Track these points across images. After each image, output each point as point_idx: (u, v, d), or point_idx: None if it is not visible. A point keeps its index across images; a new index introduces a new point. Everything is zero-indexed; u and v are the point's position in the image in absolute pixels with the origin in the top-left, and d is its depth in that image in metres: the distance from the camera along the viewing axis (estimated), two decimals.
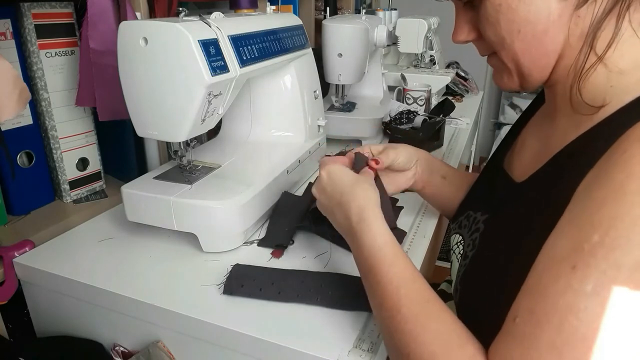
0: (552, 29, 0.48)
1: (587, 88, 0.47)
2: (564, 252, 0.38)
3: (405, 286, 0.48)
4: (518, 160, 0.60)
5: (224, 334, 0.55)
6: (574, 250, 0.37)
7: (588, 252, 0.36)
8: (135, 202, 0.71)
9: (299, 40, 0.90)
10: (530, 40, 0.49)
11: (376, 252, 0.51)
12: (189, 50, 0.60)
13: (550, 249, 0.40)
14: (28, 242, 0.70)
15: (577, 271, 0.36)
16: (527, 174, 0.54)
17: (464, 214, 0.63)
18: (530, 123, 0.64)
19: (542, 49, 0.49)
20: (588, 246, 0.36)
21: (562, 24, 0.47)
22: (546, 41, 0.48)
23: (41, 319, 0.73)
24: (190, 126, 0.64)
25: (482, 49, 0.56)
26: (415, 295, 0.47)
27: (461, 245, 0.60)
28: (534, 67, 0.51)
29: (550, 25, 0.47)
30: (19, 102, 0.60)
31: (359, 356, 0.50)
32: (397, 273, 0.49)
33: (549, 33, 0.48)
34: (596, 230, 0.36)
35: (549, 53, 0.49)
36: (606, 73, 0.47)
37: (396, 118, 1.23)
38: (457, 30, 0.56)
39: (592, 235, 0.36)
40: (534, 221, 0.46)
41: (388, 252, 0.51)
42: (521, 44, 0.49)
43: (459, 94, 1.72)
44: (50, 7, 0.76)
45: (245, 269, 0.63)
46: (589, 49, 0.47)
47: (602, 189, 0.38)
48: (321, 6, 1.60)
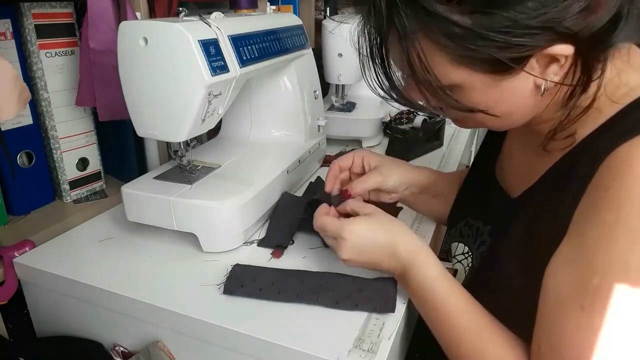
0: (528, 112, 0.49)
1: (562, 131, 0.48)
2: (570, 292, 0.42)
3: (462, 319, 0.50)
4: (509, 173, 0.60)
5: (224, 334, 0.55)
6: (579, 290, 0.41)
7: (592, 293, 0.40)
8: (135, 202, 0.71)
9: (299, 40, 0.90)
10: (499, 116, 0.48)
11: (433, 286, 0.53)
12: (189, 50, 0.60)
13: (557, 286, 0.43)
14: (28, 242, 0.70)
15: (584, 311, 0.40)
16: (520, 189, 0.54)
17: (462, 221, 0.63)
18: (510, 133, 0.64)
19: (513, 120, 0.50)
20: (591, 287, 0.40)
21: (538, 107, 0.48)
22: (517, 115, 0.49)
23: (41, 319, 0.73)
24: (190, 126, 0.64)
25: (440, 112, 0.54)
26: (472, 326, 0.50)
27: (470, 257, 0.60)
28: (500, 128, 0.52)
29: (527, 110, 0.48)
30: (19, 102, 0.60)
31: (359, 356, 0.50)
32: (452, 306, 0.51)
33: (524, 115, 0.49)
34: (595, 274, 0.40)
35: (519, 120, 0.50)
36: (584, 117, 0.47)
37: (396, 118, 1.23)
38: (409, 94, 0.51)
39: (593, 279, 0.40)
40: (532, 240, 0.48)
41: (445, 285, 0.53)
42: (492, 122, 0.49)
43: None
44: (50, 7, 0.76)
45: (245, 269, 0.63)
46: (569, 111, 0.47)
47: (593, 230, 0.41)
48: (321, 6, 1.60)
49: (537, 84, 0.45)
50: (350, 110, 1.18)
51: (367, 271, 0.64)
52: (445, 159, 1.11)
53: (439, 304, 0.52)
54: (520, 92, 0.46)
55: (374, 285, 0.60)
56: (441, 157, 1.11)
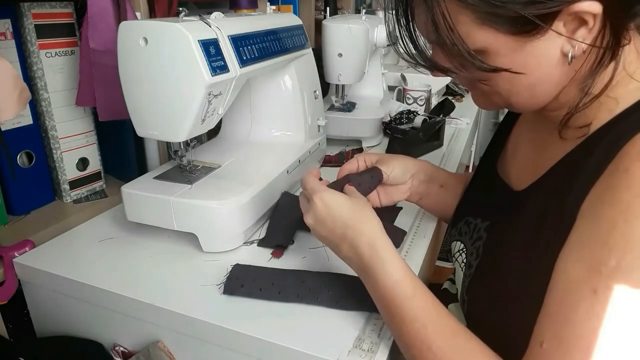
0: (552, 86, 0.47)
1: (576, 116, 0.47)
2: (581, 276, 0.39)
3: (431, 322, 0.47)
4: (513, 167, 0.60)
5: (224, 334, 0.55)
6: (592, 273, 0.38)
7: (607, 276, 0.37)
8: (135, 202, 0.71)
9: (299, 40, 0.90)
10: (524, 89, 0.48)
11: (394, 288, 0.49)
12: (189, 50, 0.60)
13: (566, 272, 0.41)
14: (28, 242, 0.70)
15: (598, 295, 0.37)
16: (526, 182, 0.53)
17: (462, 220, 0.63)
18: (519, 125, 0.63)
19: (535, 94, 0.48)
20: (606, 270, 0.37)
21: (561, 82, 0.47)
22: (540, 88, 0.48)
23: (41, 319, 0.73)
24: (190, 126, 0.64)
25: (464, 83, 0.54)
26: (442, 329, 0.46)
27: (464, 253, 0.59)
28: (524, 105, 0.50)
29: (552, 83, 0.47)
30: (19, 102, 0.60)
31: (359, 356, 0.50)
32: (420, 308, 0.48)
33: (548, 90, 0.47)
34: (612, 253, 0.37)
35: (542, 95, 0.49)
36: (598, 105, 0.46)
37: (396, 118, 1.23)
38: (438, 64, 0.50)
39: (609, 259, 0.37)
40: (539, 232, 0.46)
41: (408, 286, 0.49)
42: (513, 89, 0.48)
43: (459, 94, 1.72)
44: (50, 7, 0.76)
45: (245, 269, 0.63)
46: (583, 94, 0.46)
47: (610, 208, 0.39)
48: (321, 6, 1.60)
49: (564, 51, 0.44)
50: (350, 110, 1.18)
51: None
52: (445, 159, 1.11)
53: (402, 306, 0.48)
54: (546, 59, 0.44)
55: None
56: (441, 157, 1.11)
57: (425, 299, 0.48)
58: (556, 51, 0.44)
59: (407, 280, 0.49)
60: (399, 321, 0.49)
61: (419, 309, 0.48)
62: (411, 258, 0.69)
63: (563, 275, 0.41)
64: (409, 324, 0.47)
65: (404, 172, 0.71)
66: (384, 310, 0.51)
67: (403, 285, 0.49)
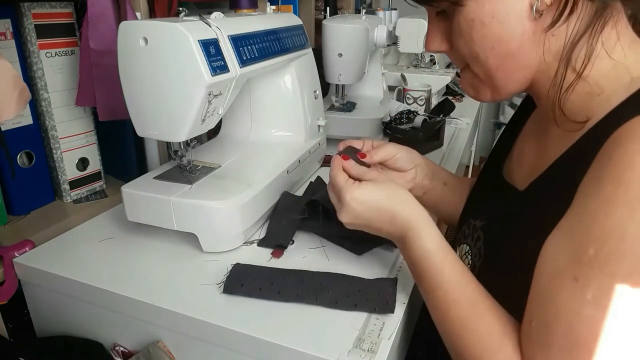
0: (525, 47, 0.48)
1: (570, 105, 0.48)
2: (565, 263, 0.41)
3: (452, 291, 0.51)
4: (519, 169, 0.60)
5: (224, 334, 0.55)
6: (574, 262, 0.41)
7: (587, 265, 0.40)
8: (135, 202, 0.71)
9: (299, 40, 0.90)
10: (504, 56, 0.49)
11: (426, 258, 0.54)
12: (189, 50, 0.60)
13: (552, 258, 0.43)
14: (28, 242, 0.70)
15: (578, 282, 0.40)
16: (528, 181, 0.54)
17: (465, 224, 0.63)
18: (526, 128, 0.64)
19: (517, 64, 0.50)
20: (586, 259, 0.40)
21: (536, 42, 0.48)
22: (520, 58, 0.49)
23: (41, 319, 0.73)
24: (190, 126, 0.64)
25: (455, 60, 0.56)
26: (461, 298, 0.50)
27: (469, 255, 0.60)
28: (508, 81, 0.52)
29: (524, 42, 0.48)
30: (19, 102, 0.60)
31: (359, 356, 0.50)
32: (446, 277, 0.52)
33: (523, 50, 0.49)
34: (591, 244, 0.40)
35: (524, 68, 0.50)
36: (587, 90, 0.47)
37: (396, 118, 1.23)
38: (429, 40, 0.56)
39: (588, 249, 0.40)
40: (536, 229, 0.47)
41: (438, 257, 0.53)
42: (495, 60, 0.50)
43: (459, 94, 1.72)
44: (50, 7, 0.76)
45: (245, 268, 0.63)
46: (564, 68, 0.48)
47: (593, 199, 0.41)
48: (321, 6, 1.60)
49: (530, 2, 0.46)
50: (350, 110, 1.18)
51: (367, 271, 0.64)
52: (445, 159, 1.11)
53: (432, 275, 0.52)
54: (514, 11, 0.46)
55: (373, 286, 0.60)
56: (441, 157, 1.11)
57: (452, 270, 0.52)
58: (523, 4, 0.46)
59: (439, 252, 0.53)
60: (427, 286, 0.54)
61: (444, 278, 0.52)
62: None
63: (549, 260, 0.44)
64: (433, 291, 0.53)
65: (408, 159, 0.71)
66: (416, 276, 0.56)
67: (434, 256, 0.53)
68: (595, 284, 0.39)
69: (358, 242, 0.70)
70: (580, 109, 0.48)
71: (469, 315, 0.49)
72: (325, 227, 0.73)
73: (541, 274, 0.44)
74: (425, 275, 0.54)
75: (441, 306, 0.52)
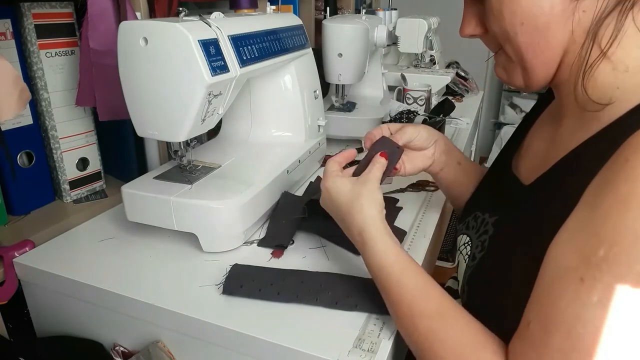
0: (554, 23, 0.48)
1: (593, 84, 0.47)
2: (572, 263, 0.40)
3: (416, 304, 0.50)
4: (525, 163, 0.60)
5: (224, 334, 0.55)
6: (581, 262, 0.39)
7: (595, 266, 0.38)
8: (136, 202, 0.71)
9: (299, 40, 0.90)
10: (533, 33, 0.49)
11: (383, 272, 0.53)
12: (189, 50, 0.60)
13: (559, 258, 0.42)
14: (28, 242, 0.70)
15: (584, 283, 0.39)
16: (535, 176, 0.54)
17: (471, 215, 0.63)
18: (536, 124, 0.64)
19: (546, 42, 0.49)
20: (595, 259, 0.38)
21: (565, 18, 0.47)
22: (549, 35, 0.48)
23: (41, 319, 0.73)
24: (190, 126, 0.64)
25: (489, 44, 0.56)
26: (427, 311, 0.49)
27: (468, 246, 0.60)
28: (537, 61, 0.51)
29: (553, 18, 0.47)
30: (19, 102, 0.60)
31: (359, 356, 0.50)
32: (407, 291, 0.51)
33: (551, 26, 0.48)
34: (602, 244, 0.38)
35: (553, 47, 0.49)
36: (611, 70, 0.47)
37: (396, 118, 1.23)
38: (464, 24, 0.56)
39: (598, 250, 0.38)
40: (542, 224, 0.47)
41: (395, 271, 0.52)
42: (525, 37, 0.49)
43: (459, 94, 1.72)
44: (50, 7, 0.76)
45: (244, 268, 0.63)
46: (591, 43, 0.47)
47: (606, 200, 0.39)
48: (321, 6, 1.60)
49: None
50: (350, 110, 1.18)
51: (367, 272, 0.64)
52: None
53: (392, 288, 0.52)
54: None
55: (373, 286, 0.60)
56: None
57: (413, 283, 0.51)
58: None
59: (394, 265, 0.52)
60: (390, 302, 0.53)
61: (406, 291, 0.51)
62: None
63: (554, 261, 0.42)
64: (397, 305, 0.51)
65: (428, 136, 0.71)
66: (380, 289, 0.55)
67: (391, 270, 0.52)
68: (601, 286, 0.38)
69: None
70: (604, 90, 0.47)
71: (439, 327, 0.48)
72: (325, 227, 0.73)
73: (545, 274, 0.43)
74: (386, 288, 0.53)
75: (407, 321, 0.50)
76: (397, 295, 0.51)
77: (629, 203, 0.37)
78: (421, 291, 0.50)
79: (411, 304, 0.50)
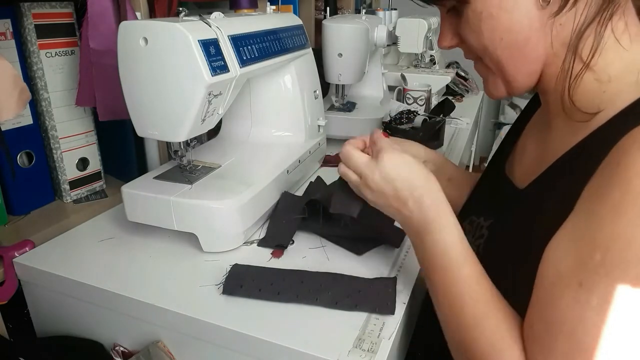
0: (534, 37, 0.48)
1: (579, 95, 0.48)
2: (570, 268, 0.41)
3: (470, 288, 0.50)
4: (519, 166, 0.60)
5: (224, 334, 0.55)
6: (579, 266, 0.40)
7: (592, 270, 0.39)
8: (136, 202, 0.71)
9: (299, 40, 0.90)
10: (512, 48, 0.49)
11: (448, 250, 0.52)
12: (189, 50, 0.60)
13: (557, 262, 0.43)
14: (28, 242, 0.70)
15: (583, 287, 0.40)
16: (528, 180, 0.54)
17: (466, 220, 0.63)
18: (529, 126, 0.64)
19: (525, 56, 0.50)
20: (592, 264, 0.39)
21: (544, 32, 0.48)
22: (529, 49, 0.49)
23: (41, 319, 0.73)
24: (190, 126, 0.64)
25: (468, 54, 0.56)
26: (479, 296, 0.49)
27: None
28: (518, 73, 0.52)
29: (533, 33, 0.48)
30: (19, 102, 0.60)
31: (359, 356, 0.50)
32: (464, 274, 0.50)
33: (531, 40, 0.49)
34: (597, 249, 0.39)
35: (533, 60, 0.50)
36: (596, 80, 0.47)
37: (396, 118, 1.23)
38: (442, 37, 0.56)
39: (595, 255, 0.39)
40: (536, 228, 0.47)
41: (460, 252, 0.51)
42: (504, 52, 0.50)
43: (459, 94, 1.72)
44: (50, 7, 0.76)
45: (244, 268, 0.63)
46: (573, 56, 0.48)
47: (600, 205, 0.40)
48: (321, 6, 1.60)
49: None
50: (350, 110, 1.18)
51: (367, 271, 0.64)
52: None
53: (450, 270, 0.51)
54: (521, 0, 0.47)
55: (373, 286, 0.60)
56: None
57: (472, 266, 0.51)
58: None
59: (460, 246, 0.52)
60: (441, 281, 0.52)
61: (463, 274, 0.50)
62: (411, 258, 0.69)
63: (553, 265, 0.43)
64: (449, 286, 0.51)
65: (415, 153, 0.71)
66: (430, 269, 0.53)
67: (454, 251, 0.51)
68: (600, 290, 0.38)
69: (358, 242, 0.70)
70: (590, 99, 0.47)
71: (484, 313, 0.48)
72: (325, 227, 0.73)
73: (544, 278, 0.44)
74: (442, 269, 0.52)
75: (455, 303, 0.50)
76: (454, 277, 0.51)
77: (622, 207, 0.38)
78: (478, 276, 0.50)
79: (464, 287, 0.50)
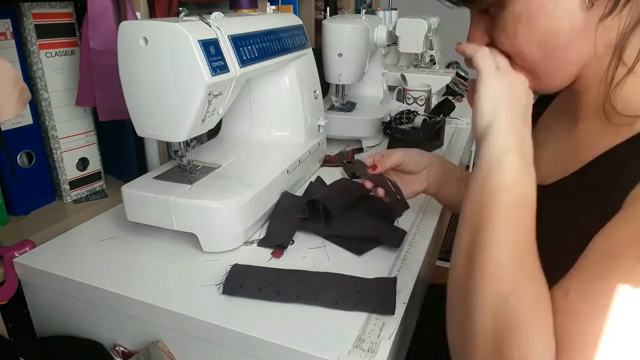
0: (576, 40, 0.46)
1: (620, 99, 0.47)
2: (626, 242, 0.38)
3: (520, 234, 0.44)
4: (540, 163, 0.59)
5: (224, 334, 0.55)
6: (637, 242, 0.38)
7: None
8: (136, 202, 0.71)
9: (299, 40, 0.90)
10: (552, 50, 0.47)
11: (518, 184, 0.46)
12: (189, 50, 0.60)
13: (610, 237, 0.40)
14: (28, 242, 0.70)
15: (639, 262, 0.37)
16: (555, 175, 0.53)
17: None
18: (542, 123, 0.63)
19: (564, 59, 0.48)
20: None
21: (587, 35, 0.46)
22: (569, 52, 0.47)
23: (41, 319, 0.73)
24: (190, 126, 0.64)
25: None
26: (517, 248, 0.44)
27: None
28: (554, 73, 0.50)
29: (575, 35, 0.46)
30: (19, 102, 0.60)
31: (359, 356, 0.50)
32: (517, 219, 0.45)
33: (572, 44, 0.46)
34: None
35: (574, 62, 0.48)
36: (638, 82, 0.46)
37: (396, 118, 1.23)
38: (470, 37, 0.54)
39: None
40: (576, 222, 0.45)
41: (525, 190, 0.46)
42: (540, 55, 0.48)
43: (459, 94, 1.72)
44: (50, 7, 0.76)
45: (244, 268, 0.63)
46: (617, 60, 0.46)
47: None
48: (321, 6, 1.60)
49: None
50: (350, 110, 1.18)
51: (367, 271, 0.64)
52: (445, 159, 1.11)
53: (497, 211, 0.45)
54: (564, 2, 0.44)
55: (373, 286, 0.60)
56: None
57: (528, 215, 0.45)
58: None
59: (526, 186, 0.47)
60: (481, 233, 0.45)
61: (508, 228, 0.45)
62: (411, 258, 0.69)
63: (606, 240, 0.40)
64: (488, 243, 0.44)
65: (417, 162, 0.73)
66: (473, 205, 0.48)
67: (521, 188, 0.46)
68: None
69: (358, 242, 0.70)
70: (632, 103, 0.46)
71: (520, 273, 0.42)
72: (325, 227, 0.73)
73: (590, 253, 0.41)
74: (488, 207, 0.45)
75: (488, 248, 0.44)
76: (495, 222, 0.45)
77: None
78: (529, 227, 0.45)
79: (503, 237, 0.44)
